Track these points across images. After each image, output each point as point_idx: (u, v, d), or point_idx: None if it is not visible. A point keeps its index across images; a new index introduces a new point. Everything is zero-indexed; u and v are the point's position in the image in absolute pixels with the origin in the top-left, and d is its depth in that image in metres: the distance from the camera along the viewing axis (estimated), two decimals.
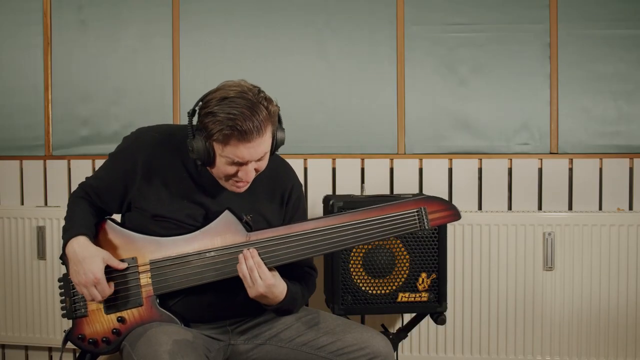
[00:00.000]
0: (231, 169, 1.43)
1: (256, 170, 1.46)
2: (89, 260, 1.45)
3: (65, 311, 1.55)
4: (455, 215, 1.48)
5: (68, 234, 1.50)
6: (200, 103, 1.42)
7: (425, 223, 1.46)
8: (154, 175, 1.51)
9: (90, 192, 1.58)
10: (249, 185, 1.50)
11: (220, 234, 1.48)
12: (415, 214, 1.46)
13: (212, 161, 1.43)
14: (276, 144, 1.48)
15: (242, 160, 1.41)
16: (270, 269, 1.44)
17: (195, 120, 1.44)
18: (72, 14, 2.63)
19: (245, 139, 1.37)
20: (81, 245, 1.47)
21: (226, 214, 1.48)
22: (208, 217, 1.52)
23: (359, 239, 1.46)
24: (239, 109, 1.35)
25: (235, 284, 1.46)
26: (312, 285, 1.64)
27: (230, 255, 1.46)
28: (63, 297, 1.55)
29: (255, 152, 1.40)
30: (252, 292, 1.43)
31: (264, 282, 1.41)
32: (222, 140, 1.38)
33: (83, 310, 1.52)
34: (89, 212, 1.55)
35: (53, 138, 2.65)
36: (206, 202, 1.53)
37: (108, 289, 1.47)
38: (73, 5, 2.62)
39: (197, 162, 1.45)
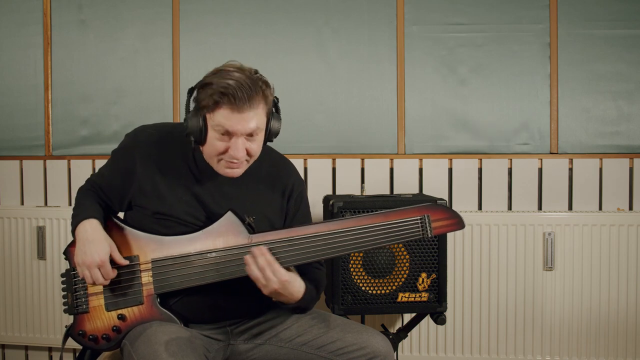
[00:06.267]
0: (221, 145, 1.42)
1: (247, 151, 1.44)
2: (98, 242, 1.46)
3: (66, 306, 1.55)
4: (459, 224, 1.47)
5: (80, 217, 1.50)
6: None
7: (428, 231, 1.45)
8: (154, 173, 1.51)
9: (96, 188, 1.59)
10: (241, 168, 1.47)
11: (222, 235, 1.47)
12: (419, 221, 1.45)
13: (204, 137, 1.42)
14: (270, 132, 1.48)
15: (231, 130, 1.39)
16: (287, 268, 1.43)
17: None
18: (72, 14, 2.63)
19: (235, 107, 1.36)
20: (93, 226, 1.48)
21: (229, 215, 1.48)
22: (209, 215, 1.51)
23: (361, 245, 1.45)
24: (234, 80, 1.36)
25: (235, 284, 1.46)
26: (322, 281, 1.63)
27: (232, 256, 1.46)
28: (65, 293, 1.55)
29: (246, 124, 1.39)
30: (266, 290, 1.42)
31: (278, 279, 1.40)
32: (212, 106, 1.38)
33: (84, 306, 1.52)
34: (97, 202, 1.56)
35: (53, 138, 2.64)
36: (207, 199, 1.53)
37: (112, 273, 1.46)
38: (73, 5, 2.63)
39: (191, 139, 1.44)
